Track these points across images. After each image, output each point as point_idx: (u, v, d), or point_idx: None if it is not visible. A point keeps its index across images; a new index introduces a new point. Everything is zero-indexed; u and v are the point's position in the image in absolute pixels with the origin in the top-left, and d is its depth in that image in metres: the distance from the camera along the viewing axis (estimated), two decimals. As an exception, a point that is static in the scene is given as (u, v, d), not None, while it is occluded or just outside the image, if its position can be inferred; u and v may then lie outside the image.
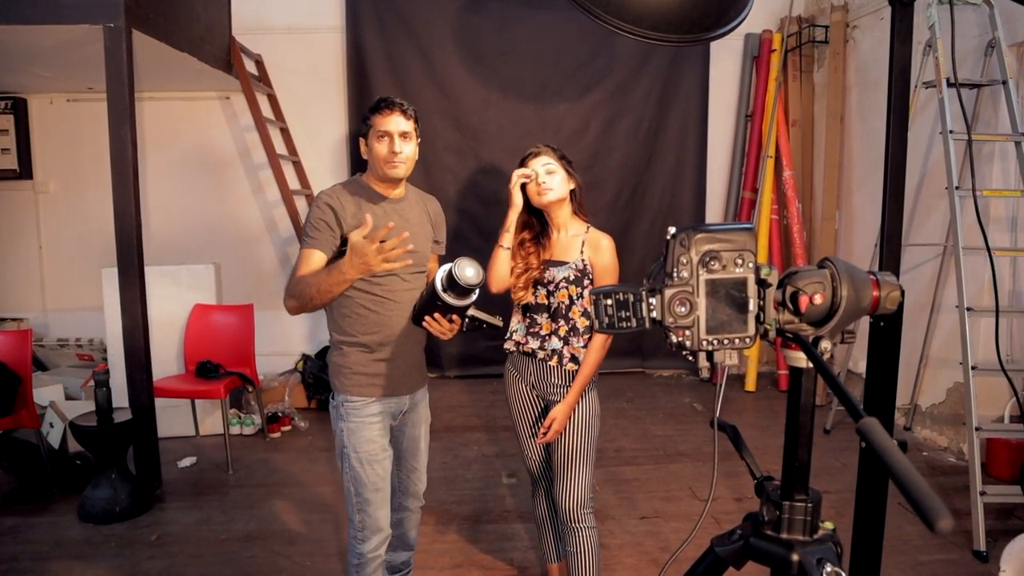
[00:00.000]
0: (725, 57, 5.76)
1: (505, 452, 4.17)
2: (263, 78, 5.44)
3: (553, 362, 2.30)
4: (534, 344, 2.34)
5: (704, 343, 0.85)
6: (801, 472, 0.92)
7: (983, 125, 3.94)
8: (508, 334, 2.43)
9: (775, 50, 5.52)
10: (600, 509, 3.41)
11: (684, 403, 5.14)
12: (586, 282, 2.29)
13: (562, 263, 2.32)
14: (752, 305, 0.85)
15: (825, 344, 0.87)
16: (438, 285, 1.86)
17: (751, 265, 0.85)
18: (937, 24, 3.66)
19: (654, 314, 0.85)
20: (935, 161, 4.23)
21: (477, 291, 1.90)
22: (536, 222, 2.39)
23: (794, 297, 0.86)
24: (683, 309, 0.84)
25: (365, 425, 2.17)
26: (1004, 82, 3.56)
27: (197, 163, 5.67)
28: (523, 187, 2.35)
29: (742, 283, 0.85)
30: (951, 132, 3.47)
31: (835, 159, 5.23)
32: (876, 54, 4.91)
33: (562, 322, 2.30)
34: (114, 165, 3.53)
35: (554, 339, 2.30)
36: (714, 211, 5.90)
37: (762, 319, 0.86)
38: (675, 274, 0.85)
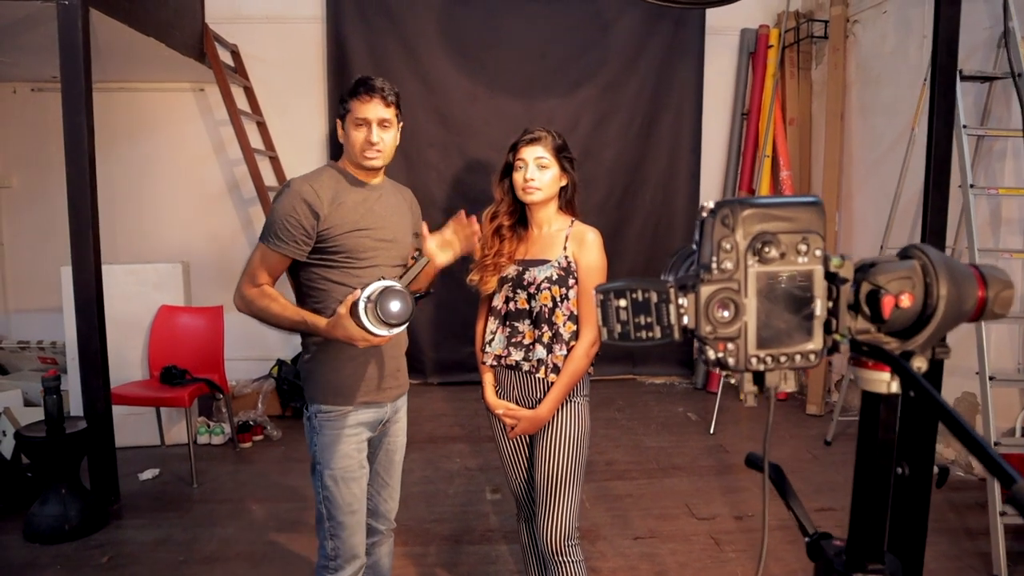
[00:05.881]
0: (720, 53, 5.56)
1: (489, 465, 3.93)
2: (239, 69, 5.19)
3: (541, 374, 2.06)
4: (517, 356, 2.09)
5: (753, 360, 0.62)
6: (876, 533, 0.69)
7: (994, 121, 3.75)
8: (483, 346, 2.19)
9: (772, 46, 5.33)
10: (591, 528, 3.17)
11: (678, 413, 4.92)
12: (571, 282, 2.05)
13: (543, 262, 2.07)
14: (820, 308, 0.62)
15: (919, 362, 0.64)
16: (361, 308, 1.61)
17: (819, 253, 0.62)
18: (949, 14, 3.46)
19: (685, 320, 0.62)
20: (942, 160, 4.03)
21: (405, 325, 1.65)
22: (518, 208, 2.16)
23: (873, 297, 0.63)
24: (726, 313, 0.61)
25: (341, 438, 1.95)
26: (1019, 75, 3.36)
27: (169, 157, 5.41)
28: (510, 175, 2.12)
29: (807, 278, 0.62)
30: (964, 127, 3.27)
31: (835, 159, 5.03)
32: (878, 49, 4.72)
33: (546, 328, 2.05)
34: (68, 155, 3.27)
35: (539, 348, 2.05)
36: (708, 212, 5.68)
37: (834, 327, 0.63)
38: (715, 265, 0.61)
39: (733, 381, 0.64)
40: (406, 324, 1.64)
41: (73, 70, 3.21)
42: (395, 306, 1.60)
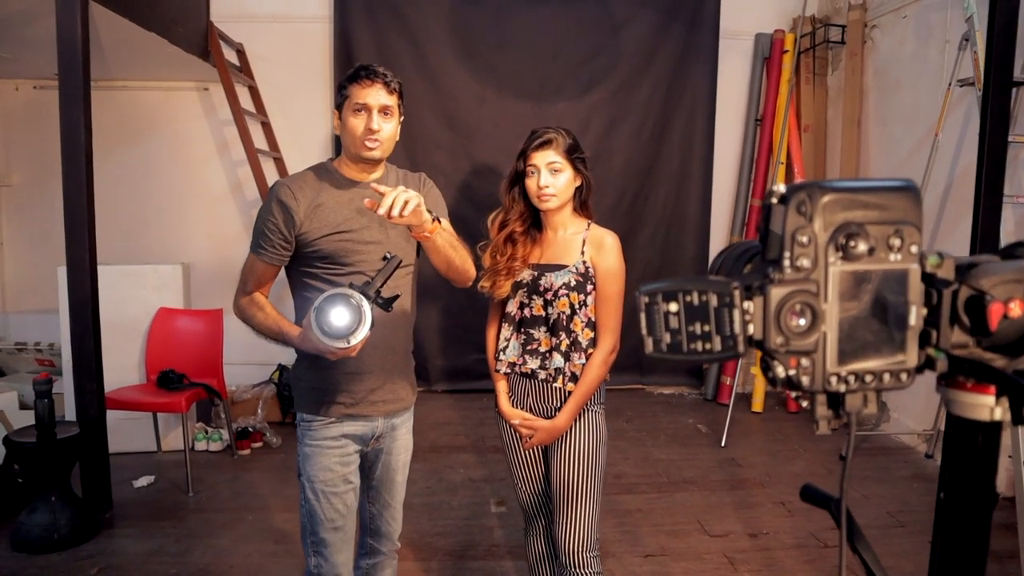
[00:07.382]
0: (734, 58, 5.45)
1: (495, 476, 3.81)
2: (244, 68, 5.09)
3: (559, 383, 1.96)
4: (533, 364, 1.99)
5: (833, 379, 0.50)
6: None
7: (1020, 128, 3.61)
8: (497, 353, 2.08)
9: (787, 51, 5.21)
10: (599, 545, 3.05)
11: (688, 424, 4.79)
12: (589, 288, 1.96)
13: (560, 267, 1.98)
14: (914, 317, 0.51)
15: (1036, 384, 0.53)
16: (312, 321, 1.48)
17: (914, 250, 0.51)
18: (976, 16, 3.35)
19: (751, 329, 0.50)
20: (964, 167, 3.91)
21: (362, 334, 1.47)
22: (531, 213, 2.05)
23: (975, 305, 0.52)
24: (801, 322, 0.50)
25: (322, 450, 1.86)
26: (1049, 80, 3.24)
27: (172, 157, 5.32)
28: (522, 181, 2.02)
29: (901, 279, 0.50)
30: (992, 133, 3.15)
31: (851, 166, 4.92)
32: (897, 55, 4.61)
33: (563, 335, 1.96)
34: (65, 152, 3.17)
35: (556, 356, 1.96)
36: (720, 219, 5.56)
37: (933, 340, 0.51)
38: (788, 262, 0.50)
39: (805, 404, 0.53)
40: (361, 334, 1.47)
41: (71, 64, 3.12)
42: (336, 318, 1.45)
